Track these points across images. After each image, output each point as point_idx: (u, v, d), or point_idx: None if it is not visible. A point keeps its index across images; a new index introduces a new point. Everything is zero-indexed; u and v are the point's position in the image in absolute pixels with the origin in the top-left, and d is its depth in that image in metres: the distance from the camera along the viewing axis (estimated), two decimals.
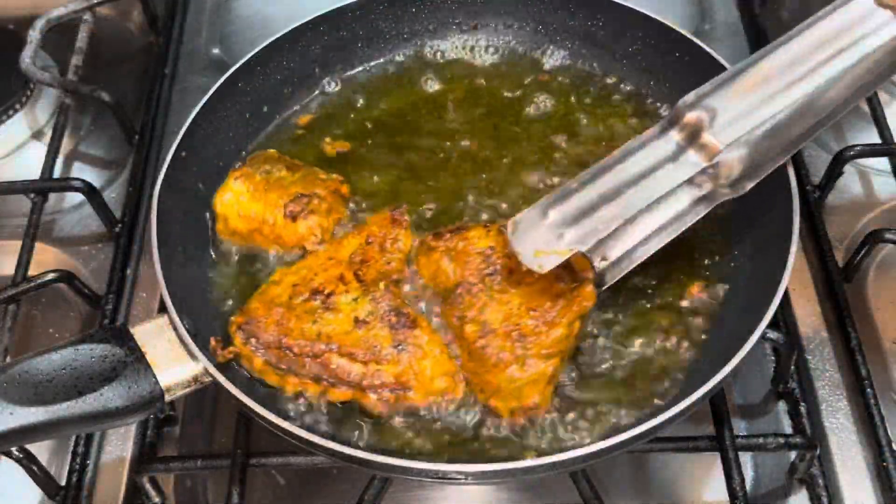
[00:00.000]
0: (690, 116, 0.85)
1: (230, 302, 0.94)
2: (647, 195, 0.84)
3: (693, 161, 0.85)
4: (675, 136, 0.86)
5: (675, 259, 0.94)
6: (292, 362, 0.85)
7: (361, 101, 1.12)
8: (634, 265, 0.86)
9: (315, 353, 0.84)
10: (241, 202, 0.97)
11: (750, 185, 0.85)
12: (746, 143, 0.84)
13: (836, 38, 0.82)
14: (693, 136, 0.85)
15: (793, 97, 0.82)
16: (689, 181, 0.85)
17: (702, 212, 0.86)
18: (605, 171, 0.86)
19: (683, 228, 0.86)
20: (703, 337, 0.89)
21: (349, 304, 0.87)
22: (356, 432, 0.84)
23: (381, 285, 0.88)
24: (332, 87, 1.13)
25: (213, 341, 0.85)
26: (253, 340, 0.86)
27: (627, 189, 0.84)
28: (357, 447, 0.78)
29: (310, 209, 0.95)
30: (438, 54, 1.16)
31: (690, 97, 0.86)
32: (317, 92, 1.13)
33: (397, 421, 0.84)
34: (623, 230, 0.85)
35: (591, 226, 0.83)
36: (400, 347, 0.84)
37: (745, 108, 0.84)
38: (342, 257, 0.92)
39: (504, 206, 0.99)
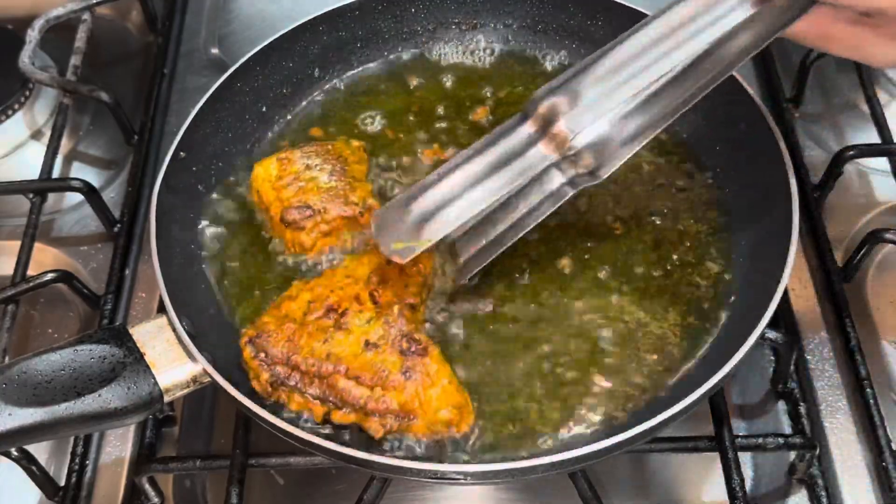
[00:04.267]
0: (543, 106, 0.83)
1: (230, 302, 0.94)
2: (499, 187, 0.83)
3: (543, 152, 0.84)
4: (527, 129, 0.85)
5: (675, 259, 0.94)
6: (299, 380, 0.84)
7: (361, 101, 1.12)
8: (490, 259, 0.89)
9: (322, 374, 0.83)
10: (262, 184, 0.98)
11: (608, 173, 0.84)
12: (601, 130, 0.83)
13: (690, 21, 0.79)
14: (545, 127, 0.83)
15: (648, 79, 0.80)
16: (544, 171, 0.84)
17: (559, 201, 0.86)
18: (463, 164, 0.85)
19: (541, 219, 0.87)
20: (703, 336, 0.89)
21: (361, 326, 0.85)
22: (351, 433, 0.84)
23: (395, 309, 0.86)
24: (332, 87, 1.13)
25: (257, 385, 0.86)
26: (262, 355, 0.85)
27: (481, 182, 0.84)
28: (357, 447, 0.78)
29: (303, 224, 0.94)
30: (438, 54, 1.16)
31: (544, 88, 0.84)
32: (316, 92, 1.13)
33: None
34: (476, 223, 0.87)
35: (447, 217, 0.83)
36: (408, 374, 0.82)
37: (599, 94, 0.82)
38: (360, 276, 0.90)
39: None
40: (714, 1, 0.77)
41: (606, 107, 0.81)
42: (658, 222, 0.97)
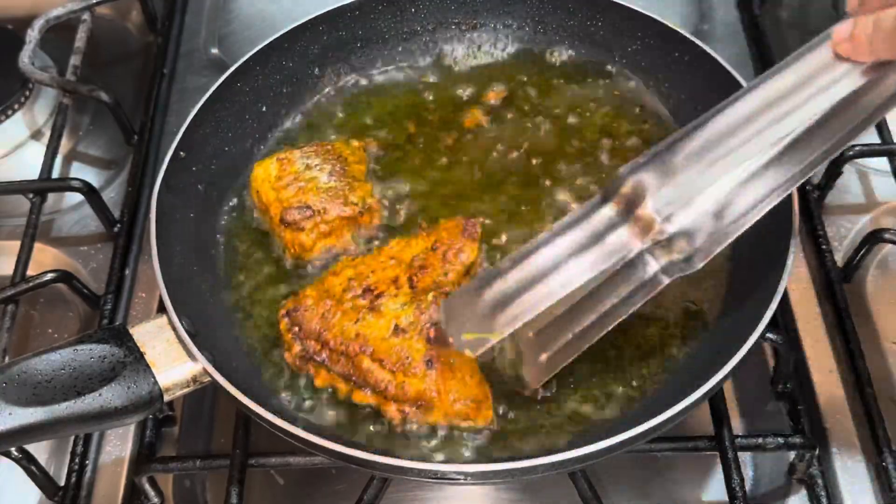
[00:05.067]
0: (627, 185, 0.73)
1: (230, 302, 0.94)
2: (579, 273, 0.74)
3: (626, 237, 0.74)
4: (608, 210, 0.74)
5: None
6: (327, 357, 0.85)
7: (361, 101, 1.12)
8: (572, 358, 0.80)
9: (349, 353, 0.84)
10: (262, 184, 0.98)
11: (703, 261, 0.75)
12: (696, 213, 0.73)
13: (792, 92, 0.71)
14: (629, 209, 0.74)
15: (746, 155, 0.71)
16: (636, 257, 0.75)
17: (652, 291, 0.77)
18: (540, 247, 0.76)
19: (632, 310, 0.77)
20: (702, 337, 0.89)
21: (394, 310, 0.85)
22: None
23: (430, 296, 0.85)
24: (332, 87, 1.13)
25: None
26: (296, 329, 0.87)
27: (560, 267, 0.74)
28: (357, 447, 0.78)
29: (302, 225, 0.94)
30: (438, 54, 1.16)
31: (628, 166, 0.75)
32: (316, 92, 1.13)
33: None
34: (559, 316, 0.78)
35: (522, 307, 0.74)
36: (430, 364, 0.82)
37: (692, 172, 0.72)
38: (404, 258, 0.90)
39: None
40: (815, 71, 0.70)
41: (700, 186, 0.72)
42: None
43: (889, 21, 0.61)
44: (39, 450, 0.94)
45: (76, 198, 1.15)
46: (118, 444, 0.96)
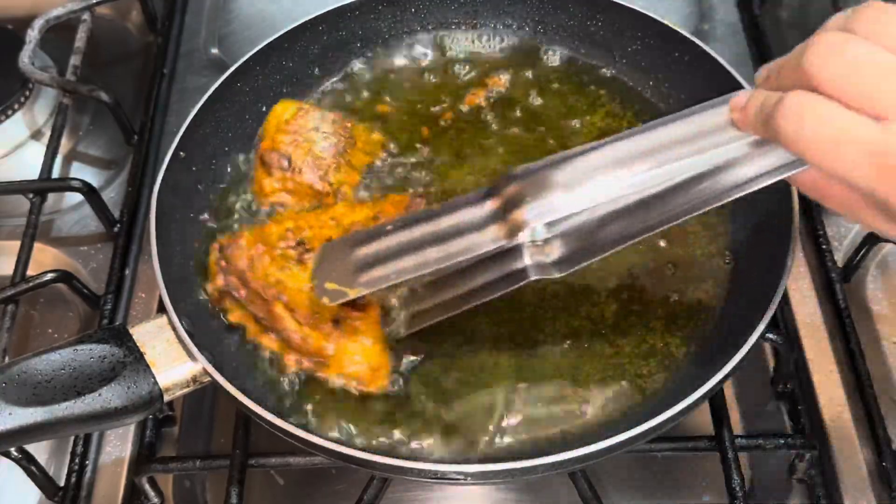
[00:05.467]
0: (510, 188, 0.77)
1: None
2: (443, 257, 0.78)
3: (495, 235, 0.77)
4: (490, 205, 0.78)
5: (674, 259, 0.94)
6: (245, 296, 0.88)
7: (360, 101, 1.12)
8: (435, 320, 0.84)
9: (266, 296, 0.86)
10: (272, 120, 1.01)
11: (568, 270, 0.79)
12: (566, 228, 0.78)
13: (687, 141, 0.71)
14: (506, 209, 0.77)
15: (625, 188, 0.73)
16: (512, 249, 0.79)
17: (517, 283, 0.80)
18: (421, 222, 0.80)
19: (494, 296, 0.81)
20: (702, 337, 0.89)
21: None
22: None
23: None
24: (332, 87, 1.13)
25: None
26: (223, 263, 0.90)
27: (431, 246, 0.79)
28: (357, 447, 0.78)
29: (273, 171, 0.97)
30: (438, 54, 1.16)
31: (519, 169, 0.78)
32: (315, 92, 1.13)
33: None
34: (433, 281, 0.84)
35: (385, 272, 0.80)
36: (336, 323, 0.85)
37: (575, 193, 0.74)
38: (344, 223, 0.92)
39: None
40: (709, 129, 0.70)
41: (577, 206, 0.74)
42: None
43: (770, 103, 0.60)
44: (39, 450, 0.94)
45: (76, 198, 1.15)
46: (118, 444, 0.96)
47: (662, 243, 0.95)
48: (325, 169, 0.99)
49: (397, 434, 0.84)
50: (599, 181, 0.73)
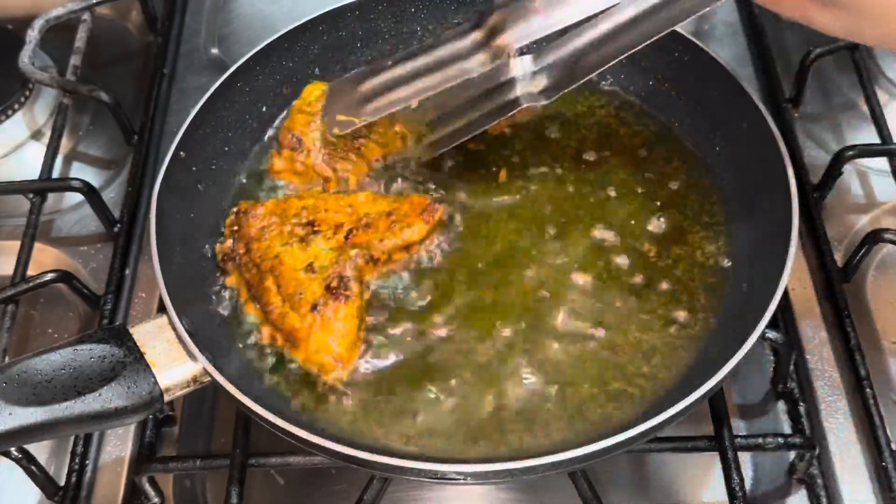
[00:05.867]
0: (492, 19, 0.88)
1: (230, 300, 0.94)
2: (436, 84, 0.90)
3: (482, 60, 0.88)
4: (476, 35, 0.89)
5: (674, 259, 0.94)
6: (244, 263, 0.91)
7: None
8: (451, 145, 0.96)
9: (261, 267, 0.89)
10: (300, 99, 1.04)
11: (554, 97, 0.90)
12: (550, 61, 0.90)
13: None
14: (490, 37, 0.88)
15: (597, 8, 0.85)
16: (505, 82, 0.92)
17: (511, 111, 0.92)
18: (415, 56, 0.92)
19: (492, 123, 0.94)
20: (703, 337, 0.89)
21: (318, 250, 0.90)
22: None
23: (353, 252, 0.90)
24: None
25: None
26: (235, 228, 0.93)
27: (425, 76, 0.91)
28: (356, 447, 0.78)
29: (283, 151, 1.01)
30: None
31: (500, 0, 0.88)
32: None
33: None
34: (445, 113, 0.96)
35: (387, 100, 0.92)
36: (315, 308, 0.86)
37: (551, 16, 0.85)
38: (359, 212, 0.94)
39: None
40: None
41: (554, 26, 0.85)
42: (657, 222, 0.97)
43: None
44: (39, 450, 0.94)
45: (76, 198, 1.15)
46: (118, 444, 0.96)
47: (662, 243, 0.96)
48: (333, 155, 1.00)
49: None
50: (572, 3, 0.84)
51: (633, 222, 0.97)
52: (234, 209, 0.96)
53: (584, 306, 0.91)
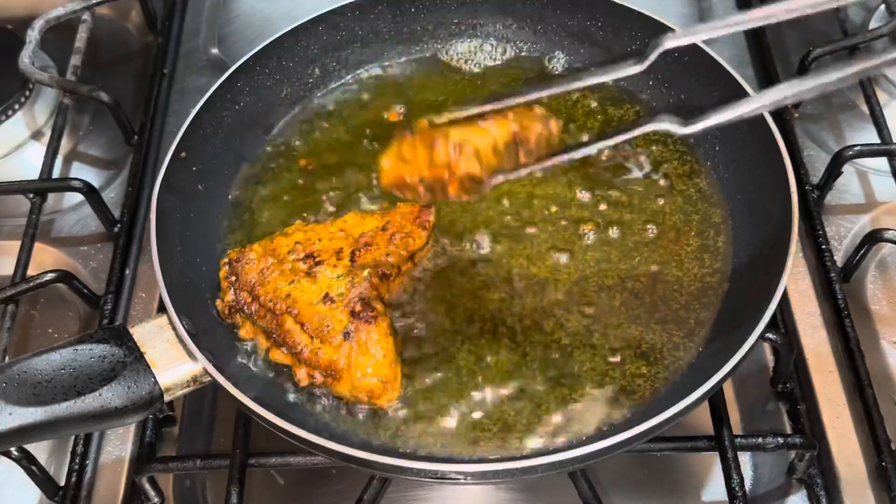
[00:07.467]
0: None
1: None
2: None
3: None
4: None
5: (674, 259, 0.94)
6: (255, 311, 0.88)
7: (361, 100, 1.11)
8: None
9: (276, 311, 0.86)
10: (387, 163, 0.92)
11: None
12: None
13: None
14: None
15: None
16: None
17: None
18: None
19: None
20: (703, 337, 0.89)
21: (329, 280, 0.88)
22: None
23: (365, 272, 0.88)
24: (332, 87, 1.13)
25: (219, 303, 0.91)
26: (233, 278, 0.90)
27: None
28: (356, 447, 0.78)
29: (403, 192, 0.87)
30: (438, 55, 1.16)
31: None
32: (316, 92, 1.13)
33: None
34: None
35: None
36: (347, 336, 0.84)
37: None
38: (353, 233, 0.92)
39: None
40: None
41: None
42: (657, 222, 0.97)
43: None
44: (39, 450, 0.94)
45: (76, 198, 1.15)
46: (118, 444, 0.96)
47: (662, 243, 0.96)
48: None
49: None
50: None
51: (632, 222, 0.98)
52: (225, 260, 0.92)
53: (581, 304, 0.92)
